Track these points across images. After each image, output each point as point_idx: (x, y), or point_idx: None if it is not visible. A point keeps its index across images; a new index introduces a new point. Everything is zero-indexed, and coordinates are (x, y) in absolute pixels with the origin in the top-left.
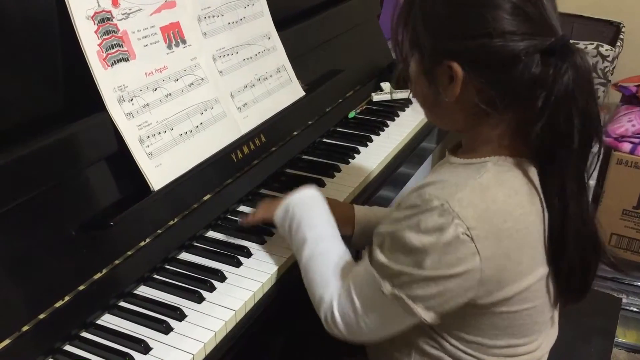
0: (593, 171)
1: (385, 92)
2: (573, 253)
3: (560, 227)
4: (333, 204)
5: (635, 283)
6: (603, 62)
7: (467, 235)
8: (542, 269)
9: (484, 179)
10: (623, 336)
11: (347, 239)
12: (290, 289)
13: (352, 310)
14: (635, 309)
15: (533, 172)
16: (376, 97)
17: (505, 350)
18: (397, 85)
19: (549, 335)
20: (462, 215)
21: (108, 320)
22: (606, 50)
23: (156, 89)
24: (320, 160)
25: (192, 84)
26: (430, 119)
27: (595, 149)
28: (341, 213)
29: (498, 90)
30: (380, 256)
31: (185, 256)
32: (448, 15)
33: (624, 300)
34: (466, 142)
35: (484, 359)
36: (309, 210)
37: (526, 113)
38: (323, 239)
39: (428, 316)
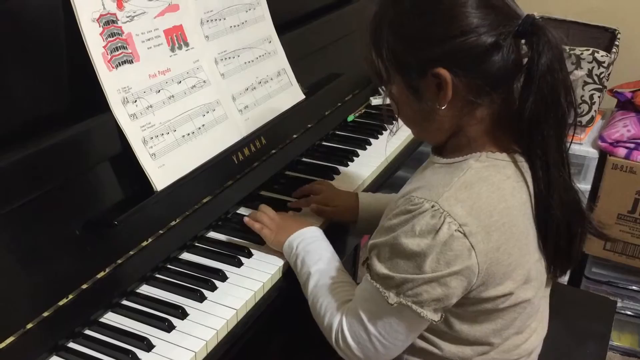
0: (571, 143)
1: (384, 96)
2: (559, 217)
3: (546, 194)
4: (337, 193)
5: (630, 287)
6: (599, 67)
7: (460, 231)
8: (532, 258)
9: (467, 177)
10: (617, 340)
11: (352, 225)
12: (291, 288)
13: (363, 330)
14: (630, 313)
15: (514, 165)
16: (375, 101)
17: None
18: None
19: (540, 324)
20: (453, 213)
21: (111, 318)
22: (602, 56)
23: (159, 90)
24: (320, 162)
25: (194, 86)
26: (419, 135)
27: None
28: (345, 201)
29: (486, 79)
30: (380, 267)
31: (186, 256)
32: (420, 26)
33: (619, 304)
34: (449, 143)
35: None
36: (311, 243)
37: (513, 93)
38: (326, 271)
39: (437, 317)
